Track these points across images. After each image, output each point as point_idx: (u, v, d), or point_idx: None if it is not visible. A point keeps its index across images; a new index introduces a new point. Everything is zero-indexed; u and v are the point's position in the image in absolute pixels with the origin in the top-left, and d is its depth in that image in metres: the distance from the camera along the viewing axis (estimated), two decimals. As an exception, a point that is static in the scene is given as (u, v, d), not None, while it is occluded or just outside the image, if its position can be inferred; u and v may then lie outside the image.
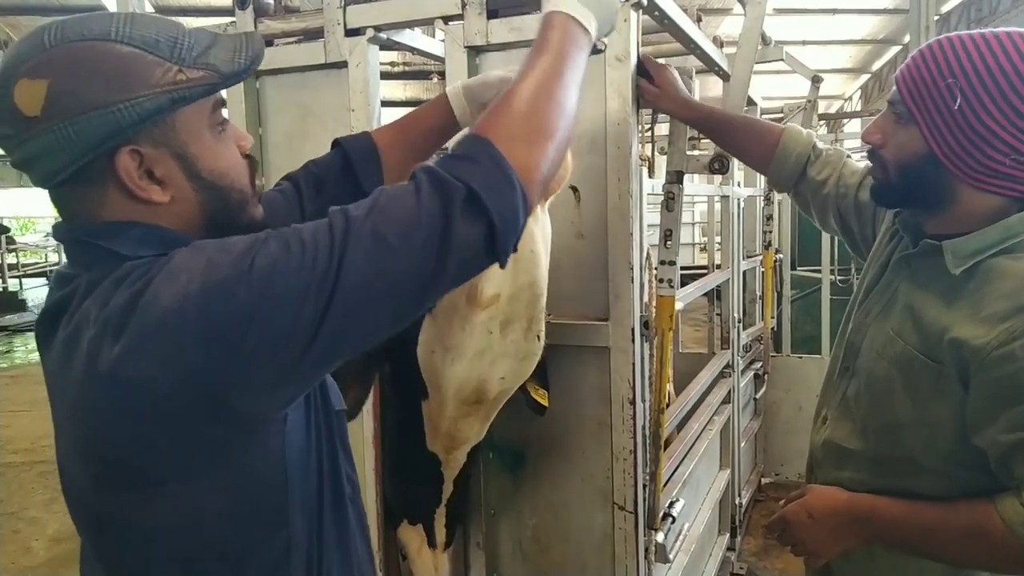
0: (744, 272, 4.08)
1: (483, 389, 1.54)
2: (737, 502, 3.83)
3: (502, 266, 0.95)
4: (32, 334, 13.30)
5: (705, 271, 4.62)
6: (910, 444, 1.32)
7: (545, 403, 1.72)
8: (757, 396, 4.44)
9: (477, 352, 1.46)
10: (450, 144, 1.47)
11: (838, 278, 5.43)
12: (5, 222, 17.07)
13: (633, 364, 1.81)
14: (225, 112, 1.03)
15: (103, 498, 0.93)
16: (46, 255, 19.44)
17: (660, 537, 2.00)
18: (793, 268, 5.41)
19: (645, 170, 1.91)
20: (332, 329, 0.85)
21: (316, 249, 0.84)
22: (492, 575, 2.04)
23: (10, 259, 16.36)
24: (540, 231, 1.28)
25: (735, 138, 1.81)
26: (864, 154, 1.52)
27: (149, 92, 0.89)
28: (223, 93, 1.00)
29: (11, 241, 16.94)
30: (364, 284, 0.85)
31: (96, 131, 0.87)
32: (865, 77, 19.17)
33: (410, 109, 1.49)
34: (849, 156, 1.78)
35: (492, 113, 0.96)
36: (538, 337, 1.50)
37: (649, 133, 3.84)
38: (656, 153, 3.91)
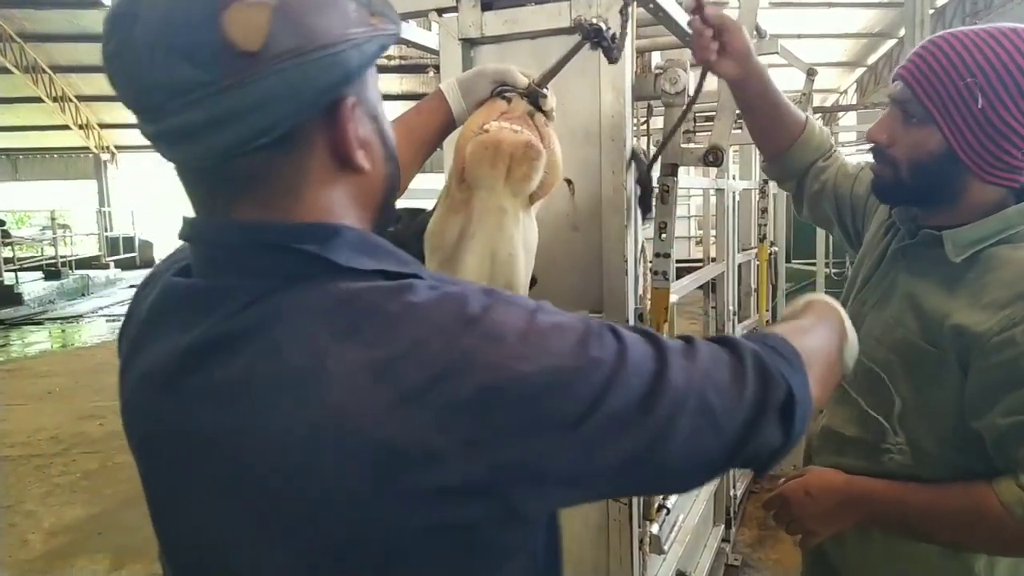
0: (739, 265, 4.09)
1: None
2: (732, 494, 3.85)
3: (759, 475, 0.88)
4: (30, 327, 13.25)
5: (701, 264, 4.63)
6: (911, 429, 1.34)
7: None
8: (752, 389, 4.46)
9: None
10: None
11: (832, 271, 5.45)
12: (1, 216, 17.04)
13: (627, 356, 1.81)
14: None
15: None
16: (42, 249, 19.41)
17: (655, 528, 2.01)
18: (788, 261, 5.43)
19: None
20: (636, 468, 0.72)
21: (656, 393, 0.70)
22: (487, 566, 2.05)
23: (6, 253, 16.31)
24: (520, 235, 1.27)
25: (769, 118, 1.74)
26: (858, 149, 1.52)
27: (363, 33, 0.72)
28: None
29: (7, 235, 16.90)
30: (683, 453, 0.73)
31: (325, 76, 0.69)
32: (860, 71, 19.17)
33: (407, 103, 1.49)
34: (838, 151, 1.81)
35: (801, 332, 0.93)
36: None
37: (645, 126, 3.84)
38: (652, 146, 3.91)
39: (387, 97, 19.36)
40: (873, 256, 1.51)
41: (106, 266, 19.61)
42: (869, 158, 1.46)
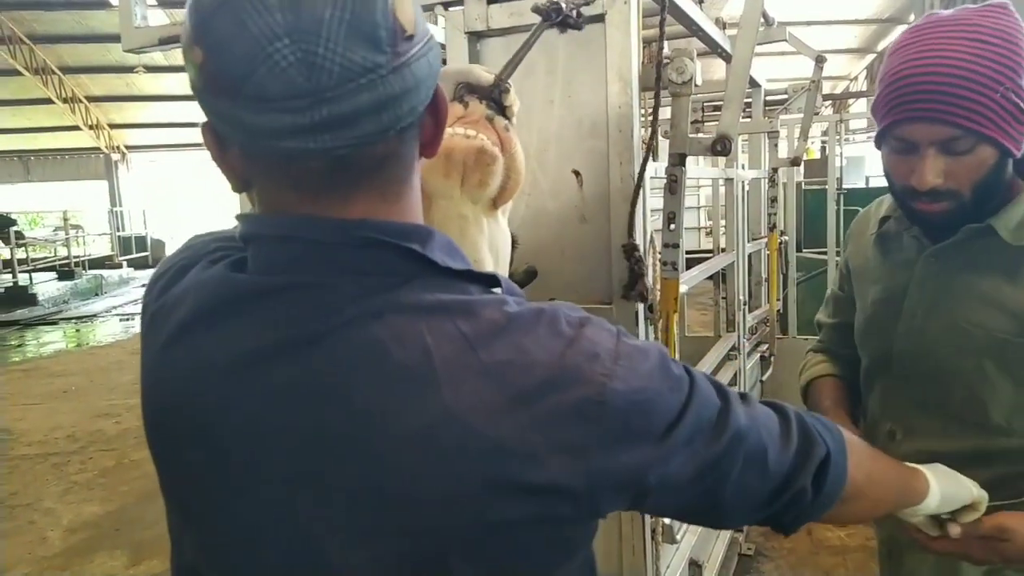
0: (749, 255, 4.07)
1: None
2: (745, 484, 3.85)
3: (786, 534, 0.92)
4: (44, 327, 13.37)
5: (710, 255, 4.61)
6: (1017, 428, 1.31)
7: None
8: (763, 378, 4.45)
9: None
10: None
11: (844, 259, 5.43)
12: (13, 217, 17.17)
13: (637, 346, 1.82)
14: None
15: None
16: (55, 249, 19.55)
17: (667, 518, 2.02)
18: (798, 250, 5.41)
19: (648, 153, 1.91)
20: (698, 488, 0.77)
21: (722, 423, 0.76)
22: (501, 557, 2.06)
23: (19, 254, 16.44)
24: (486, 239, 1.24)
25: None
26: (868, 136, 1.51)
27: None
28: None
29: (20, 236, 17.03)
30: (736, 486, 0.78)
31: (438, 60, 0.72)
32: (870, 57, 19.01)
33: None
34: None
35: (866, 455, 1.00)
36: None
37: (652, 117, 3.83)
38: (659, 137, 3.89)
39: (394, 92, 19.34)
40: (893, 272, 1.47)
41: (119, 265, 19.75)
42: (873, 145, 1.44)
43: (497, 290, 0.78)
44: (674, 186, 1.89)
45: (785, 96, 4.47)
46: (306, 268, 0.70)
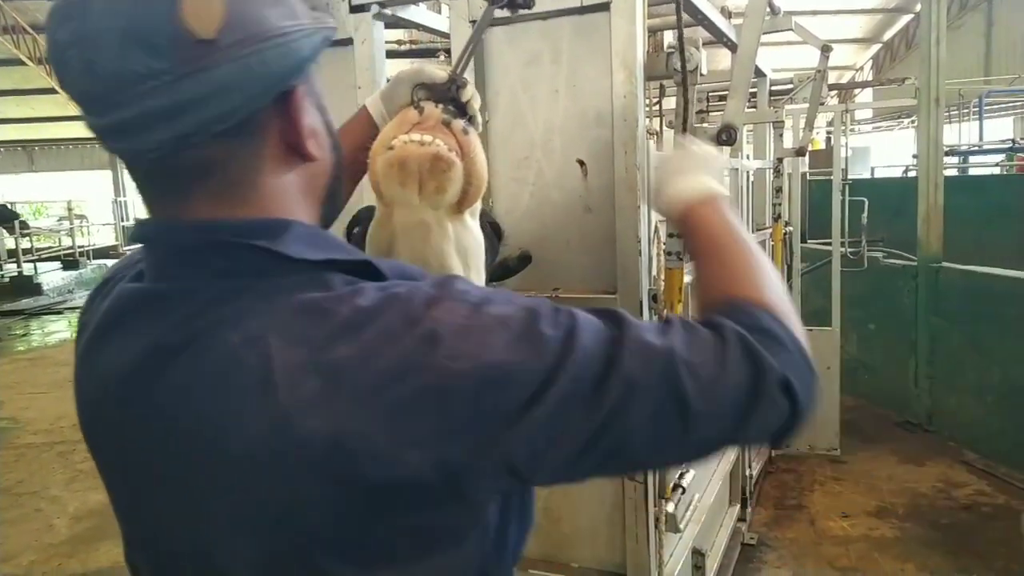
0: (754, 245, 4.07)
1: None
2: (748, 473, 3.86)
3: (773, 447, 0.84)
4: (49, 317, 13.40)
5: (715, 245, 4.61)
6: None
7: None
8: (767, 369, 4.45)
9: None
10: None
11: (849, 250, 5.41)
12: (17, 207, 17.21)
13: (641, 336, 1.82)
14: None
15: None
16: (59, 239, 19.58)
17: (670, 507, 2.03)
18: (803, 241, 5.40)
19: (652, 143, 1.91)
20: (596, 459, 0.71)
21: (610, 373, 0.69)
22: (505, 546, 2.08)
23: (24, 244, 16.48)
24: (452, 244, 1.22)
25: None
26: (874, 127, 1.48)
27: (310, 24, 0.74)
28: None
29: (24, 226, 17.05)
30: (644, 437, 0.71)
31: (280, 63, 0.70)
32: (876, 47, 18.90)
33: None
34: None
35: (756, 287, 0.88)
36: None
37: (657, 107, 3.82)
38: (664, 126, 3.89)
39: (398, 82, 19.31)
40: None
41: (123, 255, 19.76)
42: (882, 135, 1.42)
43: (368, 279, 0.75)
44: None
45: (790, 86, 4.45)
46: (171, 274, 0.73)
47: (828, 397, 4.88)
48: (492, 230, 1.63)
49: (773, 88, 4.39)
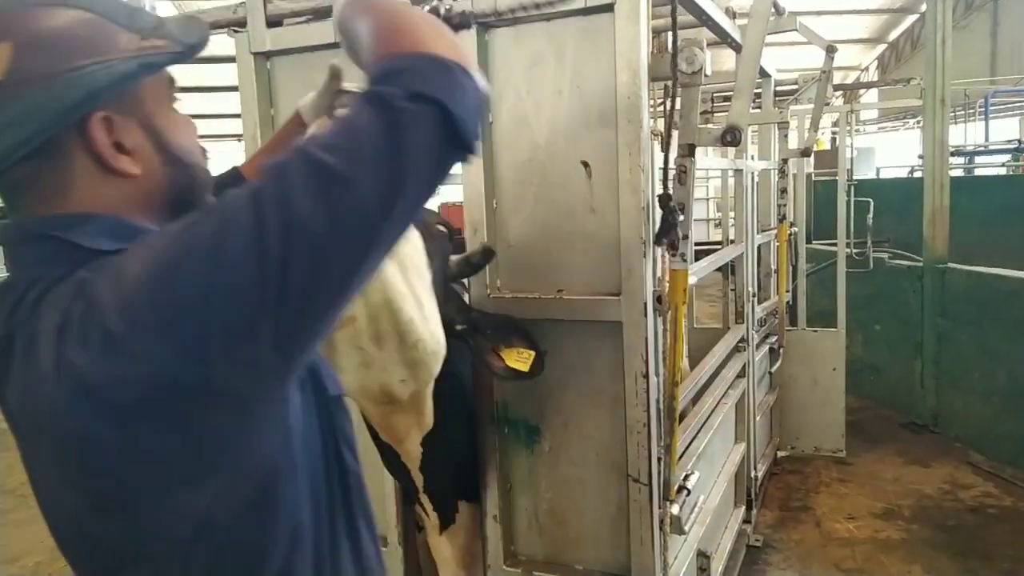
0: (759, 246, 4.06)
1: (389, 392, 1.54)
2: (753, 475, 3.84)
3: (472, 156, 0.84)
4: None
5: (720, 246, 4.60)
6: None
7: (526, 368, 1.73)
8: (772, 370, 4.44)
9: (359, 364, 1.46)
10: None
11: (854, 251, 5.39)
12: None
13: (646, 338, 1.81)
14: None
15: (105, 523, 0.85)
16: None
17: (675, 509, 2.02)
18: (808, 241, 5.38)
19: (657, 144, 1.91)
20: (301, 283, 0.76)
21: (257, 203, 0.76)
22: (509, 548, 2.07)
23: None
24: None
25: None
26: (880, 127, 1.48)
27: (119, 56, 0.85)
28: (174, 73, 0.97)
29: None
30: (320, 224, 0.75)
31: (70, 94, 0.81)
32: (881, 47, 18.85)
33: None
34: None
35: (387, 41, 0.88)
36: (416, 345, 1.46)
37: (661, 107, 3.82)
38: (671, 129, 3.88)
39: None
40: None
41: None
42: (887, 136, 1.42)
43: None
44: (683, 176, 1.88)
45: (795, 86, 4.44)
46: (11, 266, 0.88)
47: (833, 398, 4.87)
48: (447, 229, 1.64)
49: (778, 89, 4.37)
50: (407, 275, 1.35)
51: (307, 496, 0.93)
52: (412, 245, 1.34)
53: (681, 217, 1.82)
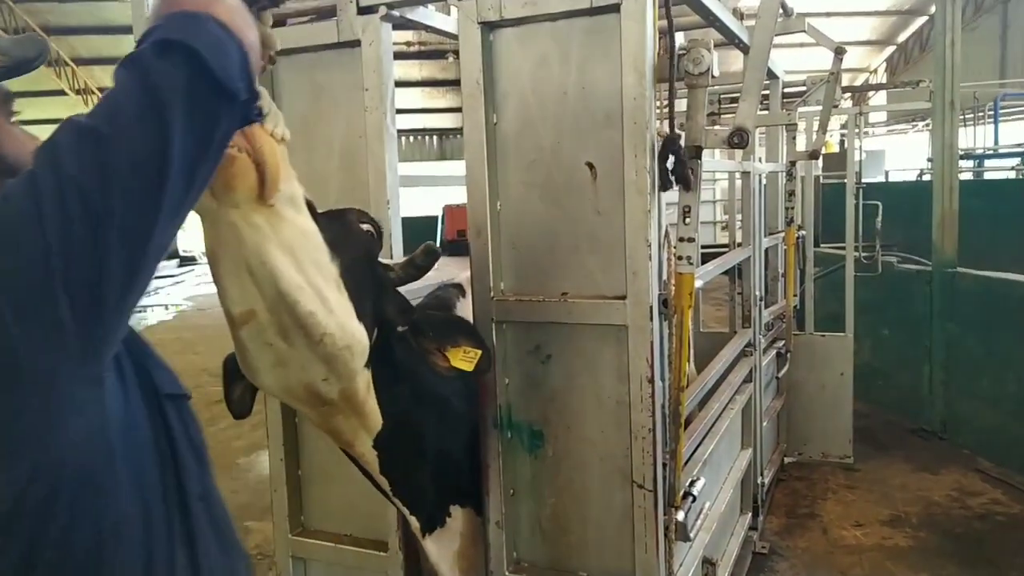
0: (766, 249, 4.03)
1: (315, 391, 1.50)
2: (759, 481, 3.81)
3: (239, 103, 0.88)
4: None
5: (726, 249, 4.57)
6: None
7: (471, 367, 1.69)
8: (779, 375, 4.40)
9: (274, 363, 1.42)
10: None
11: (863, 255, 5.35)
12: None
13: (652, 342, 1.79)
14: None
15: None
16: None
17: (680, 515, 1.99)
18: (816, 245, 5.34)
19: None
20: (85, 241, 0.79)
21: (32, 175, 0.80)
22: (512, 555, 2.04)
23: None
24: (270, 238, 1.21)
25: None
26: (889, 129, 1.46)
27: None
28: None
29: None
30: (92, 182, 0.78)
31: None
32: (890, 49, 18.79)
33: (426, 89, 1.45)
34: None
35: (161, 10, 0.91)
36: (323, 340, 1.40)
37: (667, 109, 3.78)
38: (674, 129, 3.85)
39: (405, 83, 19.35)
40: None
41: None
42: (896, 139, 1.39)
43: None
44: (690, 180, 1.85)
45: (803, 88, 4.41)
46: None
47: (841, 404, 4.83)
48: (374, 228, 1.62)
49: (786, 91, 4.35)
50: (302, 267, 1.31)
51: (131, 490, 0.93)
52: (304, 235, 1.31)
53: (690, 156, 1.78)
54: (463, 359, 1.68)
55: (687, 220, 1.90)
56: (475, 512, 2.09)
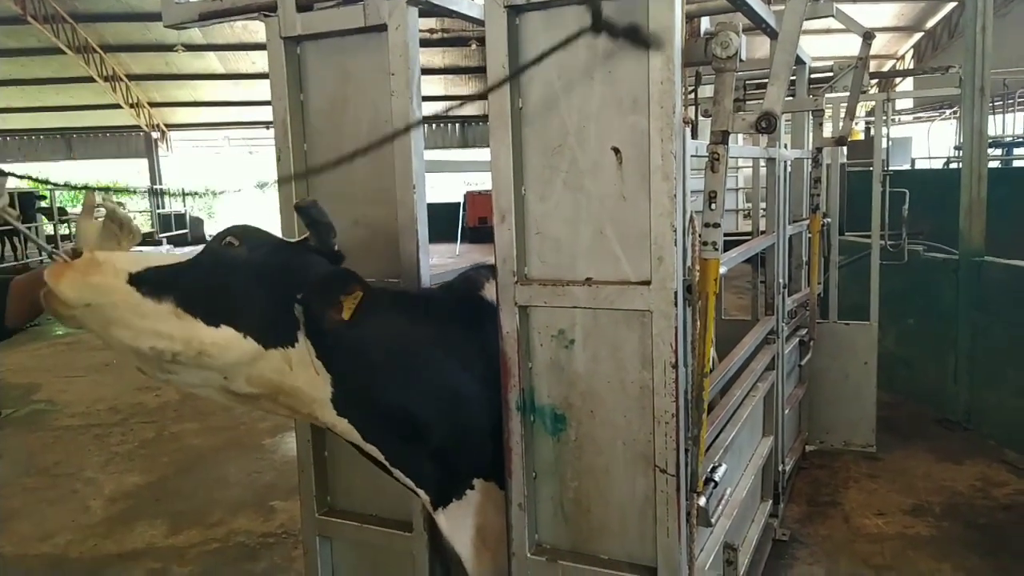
0: (790, 237, 4.00)
1: (231, 391, 1.77)
2: (780, 469, 3.80)
3: None
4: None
5: (748, 238, 4.53)
6: None
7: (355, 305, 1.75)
8: (802, 363, 4.38)
9: (182, 383, 1.77)
10: None
11: (888, 243, 5.28)
12: (56, 193, 17.53)
13: (676, 328, 1.79)
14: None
15: None
16: (97, 226, 19.94)
17: (702, 501, 1.99)
18: (841, 233, 5.28)
19: (688, 131, 1.87)
20: None
21: None
22: (534, 536, 2.06)
23: (63, 230, 16.84)
24: (96, 323, 1.62)
25: None
26: (915, 117, 1.44)
27: None
28: None
29: (63, 212, 17.41)
30: None
31: None
32: (918, 35, 18.46)
33: (448, 77, 1.46)
34: None
35: None
36: (175, 358, 1.67)
37: (692, 95, 3.76)
38: (699, 116, 3.82)
39: (429, 71, 19.33)
40: None
41: (159, 243, 20.08)
42: (922, 127, 1.38)
43: None
44: (716, 164, 1.85)
45: (830, 74, 4.35)
46: None
47: (864, 393, 4.79)
48: (234, 237, 1.78)
49: (812, 76, 4.29)
50: (128, 323, 1.63)
51: None
52: (117, 304, 1.61)
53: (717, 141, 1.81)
54: (350, 305, 1.74)
55: (712, 206, 1.89)
56: (492, 486, 2.11)
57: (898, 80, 16.51)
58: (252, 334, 1.70)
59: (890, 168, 5.83)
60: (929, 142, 12.92)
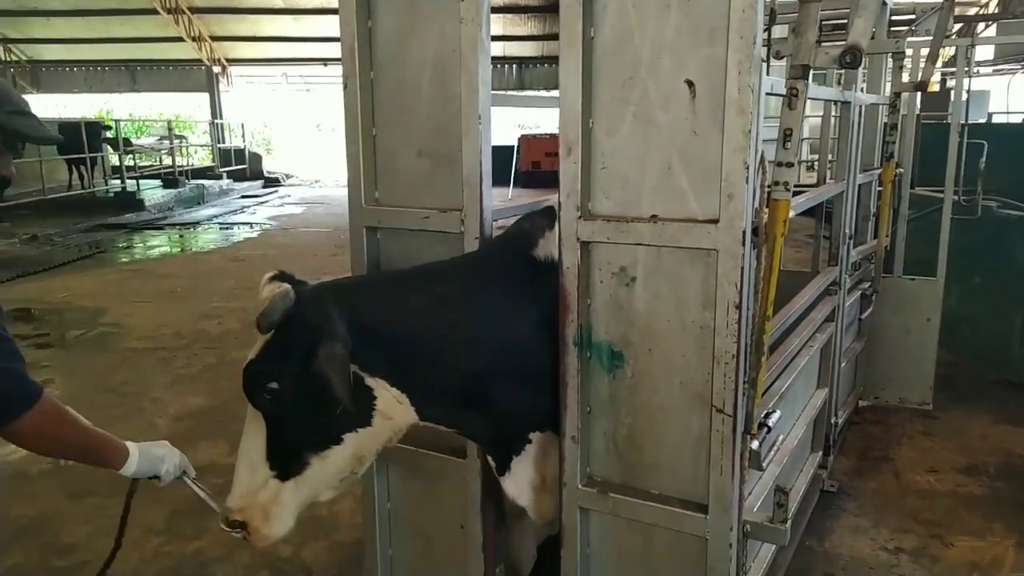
0: (859, 186, 3.87)
1: (362, 467, 2.04)
2: (833, 421, 3.76)
3: None
4: (150, 231, 14.12)
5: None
6: None
7: None
8: (863, 316, 4.29)
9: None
10: None
11: (962, 198, 5.07)
12: (122, 125, 17.93)
13: (742, 268, 1.76)
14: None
15: None
16: (160, 158, 20.41)
17: (755, 444, 1.99)
18: (912, 187, 5.09)
19: (764, 66, 1.80)
20: None
21: None
22: (585, 468, 2.09)
23: (127, 161, 17.27)
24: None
25: None
26: (995, 69, 1.35)
27: None
28: None
29: (128, 143, 17.83)
30: None
31: None
32: (1007, -20, 17.36)
33: (507, 16, 1.42)
34: None
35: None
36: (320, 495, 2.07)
37: (766, 34, 3.61)
38: (771, 57, 3.68)
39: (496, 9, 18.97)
40: None
41: (219, 176, 20.45)
42: (1002, 80, 1.30)
43: None
44: (794, 100, 1.79)
45: (912, 16, 4.13)
46: None
47: (925, 350, 4.68)
48: None
49: (892, 18, 4.09)
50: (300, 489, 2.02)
51: None
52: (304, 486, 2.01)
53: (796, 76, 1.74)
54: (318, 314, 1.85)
55: (787, 144, 1.84)
56: (550, 435, 2.15)
57: (981, 26, 15.64)
58: (347, 429, 1.92)
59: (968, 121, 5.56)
60: (1008, 97, 12.28)
